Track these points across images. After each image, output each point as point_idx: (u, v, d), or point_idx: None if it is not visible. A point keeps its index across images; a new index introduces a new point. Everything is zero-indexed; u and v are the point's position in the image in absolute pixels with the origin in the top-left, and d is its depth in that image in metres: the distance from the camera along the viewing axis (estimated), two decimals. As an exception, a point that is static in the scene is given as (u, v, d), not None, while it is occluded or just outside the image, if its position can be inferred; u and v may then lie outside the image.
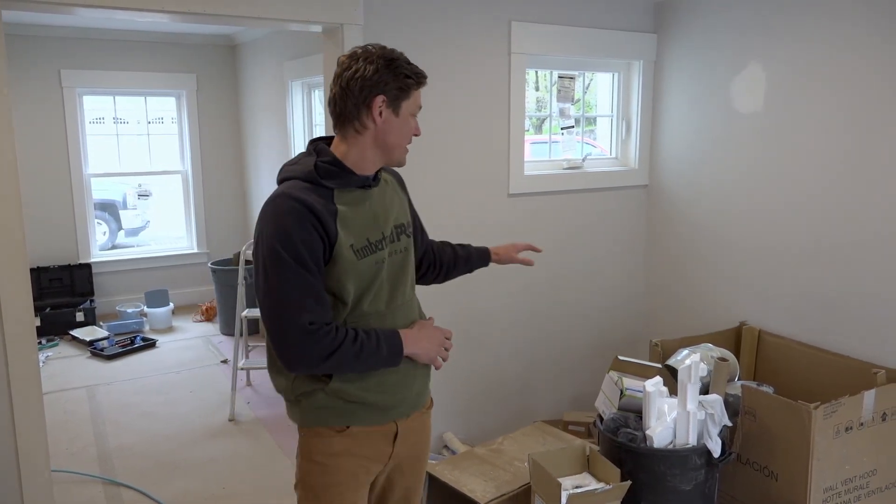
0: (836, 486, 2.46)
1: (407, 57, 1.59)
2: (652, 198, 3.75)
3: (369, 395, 1.61)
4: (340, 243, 1.52)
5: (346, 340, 1.51)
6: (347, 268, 1.54)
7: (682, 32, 3.45)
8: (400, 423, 1.69)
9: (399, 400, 1.67)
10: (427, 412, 1.82)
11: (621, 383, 2.63)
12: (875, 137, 2.69)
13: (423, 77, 1.60)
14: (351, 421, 1.62)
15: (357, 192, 1.60)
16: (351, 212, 1.56)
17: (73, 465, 3.40)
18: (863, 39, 2.69)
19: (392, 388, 1.64)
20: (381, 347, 1.56)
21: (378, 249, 1.60)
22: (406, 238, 1.71)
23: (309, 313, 1.48)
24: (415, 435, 1.76)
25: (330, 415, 1.61)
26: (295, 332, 1.47)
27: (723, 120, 3.29)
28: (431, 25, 2.99)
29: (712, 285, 3.44)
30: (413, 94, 1.59)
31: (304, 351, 1.48)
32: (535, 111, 3.80)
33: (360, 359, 1.53)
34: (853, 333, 2.83)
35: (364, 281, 1.58)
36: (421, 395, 1.75)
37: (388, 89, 1.54)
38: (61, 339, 5.32)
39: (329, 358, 1.49)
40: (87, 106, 5.83)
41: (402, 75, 1.55)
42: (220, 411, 4.00)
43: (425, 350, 1.66)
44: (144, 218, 7.48)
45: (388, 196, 1.70)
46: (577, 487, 2.36)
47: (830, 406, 2.38)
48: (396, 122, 1.58)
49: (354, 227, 1.56)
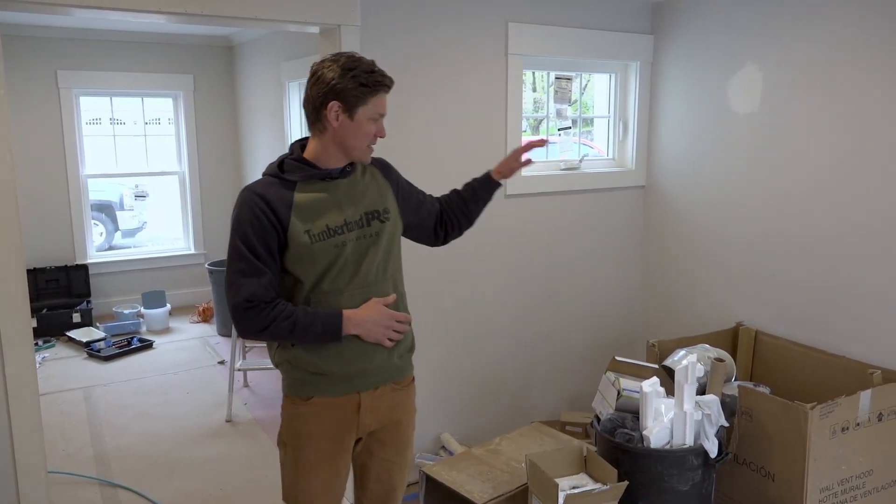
0: (832, 487, 2.47)
1: (374, 65, 1.72)
2: (649, 199, 3.75)
3: (326, 365, 1.78)
4: (294, 229, 1.72)
5: (279, 317, 1.71)
6: (302, 251, 1.73)
7: (678, 33, 3.46)
8: (364, 395, 1.83)
9: (358, 371, 1.81)
10: (402, 389, 1.93)
11: (618, 384, 2.63)
12: (871, 138, 2.70)
13: (381, 85, 1.73)
14: (313, 392, 1.81)
15: (319, 183, 1.78)
16: (309, 201, 1.75)
17: (70, 467, 3.39)
18: (859, 40, 2.70)
19: (351, 359, 1.79)
20: (314, 325, 1.73)
21: (337, 234, 1.76)
22: (379, 223, 1.84)
23: (249, 291, 1.69)
24: (385, 408, 1.88)
25: (297, 385, 1.83)
26: (236, 307, 1.71)
27: (719, 121, 3.30)
28: (429, 26, 2.99)
29: (709, 286, 3.45)
30: (370, 100, 1.72)
31: (243, 323, 1.72)
32: (532, 112, 3.81)
33: (295, 334, 1.73)
34: (849, 334, 2.84)
35: (322, 262, 1.75)
36: (385, 369, 1.86)
37: (343, 96, 1.70)
38: (58, 341, 5.31)
39: (264, 331, 1.72)
40: (84, 107, 5.82)
41: (357, 83, 1.69)
42: (218, 412, 4.00)
43: (368, 330, 1.78)
44: (141, 219, 7.47)
45: (361, 186, 1.85)
46: (575, 488, 2.36)
47: (827, 406, 2.38)
48: (352, 125, 1.73)
49: (312, 215, 1.74)
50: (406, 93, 2.96)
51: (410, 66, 2.96)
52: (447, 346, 3.29)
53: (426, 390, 3.26)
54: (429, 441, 3.31)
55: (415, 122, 3.01)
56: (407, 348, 1.93)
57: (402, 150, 2.99)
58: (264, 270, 1.71)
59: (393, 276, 1.90)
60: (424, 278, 3.14)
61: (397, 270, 1.93)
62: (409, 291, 3.09)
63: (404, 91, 2.96)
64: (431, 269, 3.14)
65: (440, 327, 3.25)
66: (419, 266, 3.10)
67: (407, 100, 2.96)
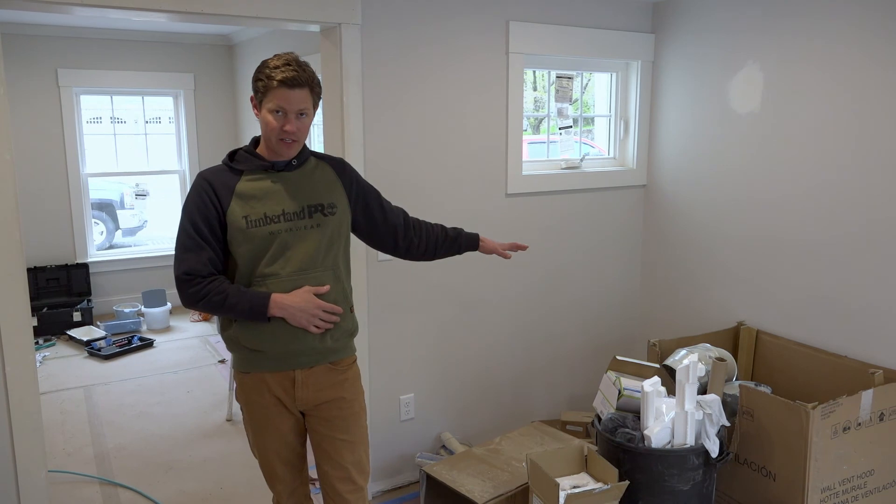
0: (833, 487, 2.46)
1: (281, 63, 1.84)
2: (650, 198, 3.75)
3: (262, 344, 1.93)
4: (233, 213, 1.89)
5: (212, 291, 1.87)
6: (238, 234, 1.90)
7: (679, 32, 3.46)
8: (298, 372, 1.97)
9: (290, 351, 1.95)
10: (342, 371, 2.05)
11: (619, 383, 2.63)
12: (873, 137, 2.70)
13: (275, 80, 1.83)
14: (252, 367, 1.98)
15: (265, 174, 1.94)
16: (252, 189, 1.92)
17: (70, 466, 3.39)
18: (861, 39, 2.69)
19: (283, 340, 1.93)
20: (242, 303, 1.87)
21: (274, 222, 1.91)
22: (321, 216, 1.97)
23: (188, 265, 1.87)
24: (324, 386, 2.01)
25: (238, 360, 2.01)
26: (177, 279, 1.89)
27: (720, 120, 3.29)
28: (429, 25, 2.98)
29: (710, 285, 3.44)
30: (269, 94, 1.85)
31: (181, 293, 1.90)
32: (532, 111, 3.80)
33: (225, 308, 1.88)
34: (851, 333, 2.83)
35: (258, 246, 1.90)
36: (318, 350, 1.98)
37: (254, 89, 1.90)
38: (58, 339, 5.31)
39: (199, 302, 1.88)
40: (85, 105, 5.82)
41: (255, 79, 1.88)
42: (218, 411, 4.00)
43: (292, 315, 1.90)
44: (142, 218, 7.46)
45: (309, 180, 1.99)
46: (575, 487, 2.36)
47: (828, 406, 2.38)
48: (261, 118, 1.90)
49: (252, 202, 1.91)
50: (406, 91, 2.96)
51: (411, 64, 2.95)
52: (447, 345, 3.29)
53: (426, 390, 3.26)
54: (429, 440, 3.31)
55: (415, 120, 3.01)
56: (346, 333, 2.04)
57: (402, 148, 2.99)
58: (204, 247, 1.88)
59: (334, 267, 2.00)
60: (424, 278, 3.14)
61: (341, 263, 2.04)
62: (408, 291, 3.11)
63: (405, 89, 2.96)
64: (431, 268, 3.14)
65: (440, 326, 3.25)
66: (417, 266, 3.10)
67: (407, 98, 2.96)
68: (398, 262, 3.01)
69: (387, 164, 2.96)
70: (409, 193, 3.00)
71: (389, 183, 2.87)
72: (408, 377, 3.20)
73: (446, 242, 2.27)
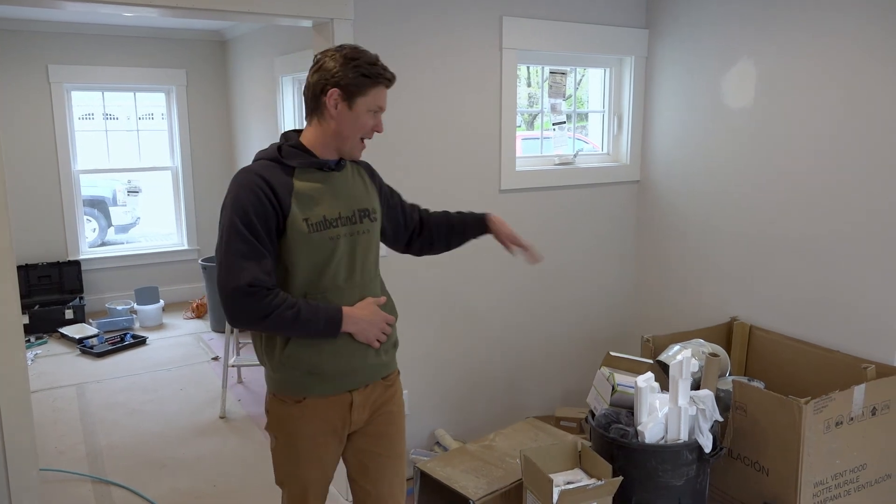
0: (826, 481, 2.47)
1: (377, 59, 1.72)
2: (643, 193, 3.75)
3: (323, 363, 1.74)
4: (293, 216, 1.68)
5: (283, 305, 1.64)
6: (299, 239, 1.69)
7: (672, 28, 3.45)
8: (356, 394, 1.81)
9: (352, 368, 1.79)
10: (391, 385, 1.92)
11: (613, 379, 2.63)
12: (866, 132, 2.70)
13: (384, 78, 1.71)
14: (306, 392, 1.77)
15: (317, 172, 1.76)
16: (308, 189, 1.72)
17: (62, 464, 3.38)
18: (855, 33, 2.70)
19: (347, 356, 1.77)
20: (317, 319, 1.69)
21: (333, 227, 1.73)
22: (370, 222, 1.83)
23: (251, 275, 1.62)
24: (375, 405, 1.87)
25: (288, 386, 1.78)
26: (237, 291, 1.62)
27: (714, 115, 3.29)
28: (422, 20, 2.97)
29: (703, 281, 3.45)
30: (370, 91, 1.70)
31: (243, 308, 1.63)
32: (526, 107, 3.80)
33: (297, 324, 1.67)
34: (843, 328, 2.84)
35: (318, 254, 1.72)
36: (375, 367, 1.85)
37: (343, 83, 1.68)
38: (50, 337, 5.29)
39: (266, 318, 1.64)
40: (76, 102, 5.78)
41: (359, 73, 1.68)
42: (211, 409, 3.98)
43: (362, 329, 1.76)
44: (134, 215, 7.43)
45: (352, 182, 1.84)
46: (569, 483, 2.36)
47: (821, 401, 2.38)
48: (349, 115, 1.71)
49: (310, 203, 1.71)
50: (399, 87, 2.94)
51: (404, 60, 2.94)
52: (441, 341, 3.28)
53: (421, 386, 3.26)
54: (423, 437, 3.31)
55: (408, 116, 3.00)
56: (392, 344, 1.92)
57: (395, 144, 2.98)
58: (265, 254, 1.65)
59: (379, 276, 1.92)
60: (417, 274, 3.13)
61: (379, 271, 1.94)
62: (402, 287, 3.10)
63: (397, 85, 2.93)
64: (423, 264, 3.13)
65: (434, 323, 3.24)
66: (411, 260, 3.09)
67: (400, 94, 2.95)
68: (392, 259, 3.00)
69: (379, 160, 2.94)
70: (403, 189, 2.98)
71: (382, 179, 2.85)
72: (402, 374, 3.18)
73: (455, 237, 2.13)
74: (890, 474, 2.64)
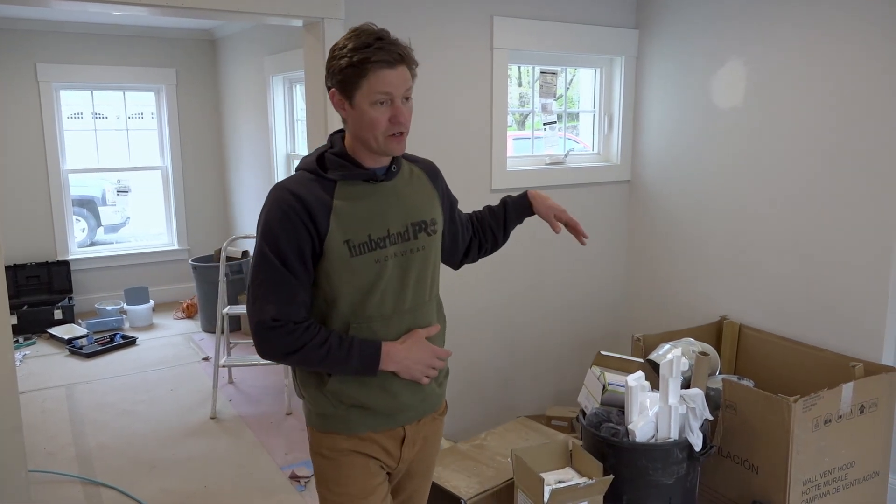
0: (815, 479, 2.49)
1: (372, 40, 1.43)
2: (634, 193, 3.76)
3: (371, 399, 1.56)
4: (332, 237, 1.47)
5: (311, 342, 1.47)
6: (338, 265, 1.49)
7: (662, 28, 3.47)
8: (408, 428, 1.64)
9: (403, 405, 1.61)
10: (439, 417, 1.75)
11: (604, 378, 2.64)
12: (854, 133, 2.72)
13: (374, 62, 1.41)
14: (357, 430, 1.58)
15: (362, 185, 1.53)
16: (350, 206, 1.50)
17: (52, 465, 3.35)
18: (844, 36, 2.71)
19: (396, 393, 1.58)
20: (351, 357, 1.50)
21: (379, 247, 1.52)
22: (427, 237, 1.60)
23: (274, 309, 1.46)
24: (424, 439, 1.70)
25: (336, 423, 1.59)
26: (259, 325, 1.47)
27: (704, 115, 3.31)
28: (413, 20, 2.97)
29: (693, 280, 3.46)
30: (363, 82, 1.43)
31: (267, 343, 1.49)
32: (517, 107, 3.80)
33: (327, 363, 1.50)
34: (832, 327, 2.86)
35: (362, 280, 1.51)
36: (429, 401, 1.67)
37: (334, 82, 1.48)
38: (39, 338, 5.25)
39: (292, 354, 1.49)
40: (65, 101, 5.74)
41: (342, 65, 1.44)
42: (202, 409, 3.97)
43: (406, 368, 1.56)
44: (124, 214, 7.38)
45: (410, 191, 1.61)
46: (560, 482, 2.36)
47: (809, 399, 2.40)
48: (355, 114, 1.48)
49: (353, 222, 1.50)
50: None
51: (395, 60, 2.94)
52: (433, 341, 3.28)
53: (412, 386, 3.25)
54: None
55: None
56: (445, 374, 1.74)
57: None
58: (295, 284, 1.48)
59: (437, 297, 1.69)
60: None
61: (439, 289, 1.70)
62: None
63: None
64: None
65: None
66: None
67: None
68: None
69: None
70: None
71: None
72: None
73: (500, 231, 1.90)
74: (878, 471, 2.67)
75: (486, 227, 1.89)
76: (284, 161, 4.95)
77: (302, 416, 3.88)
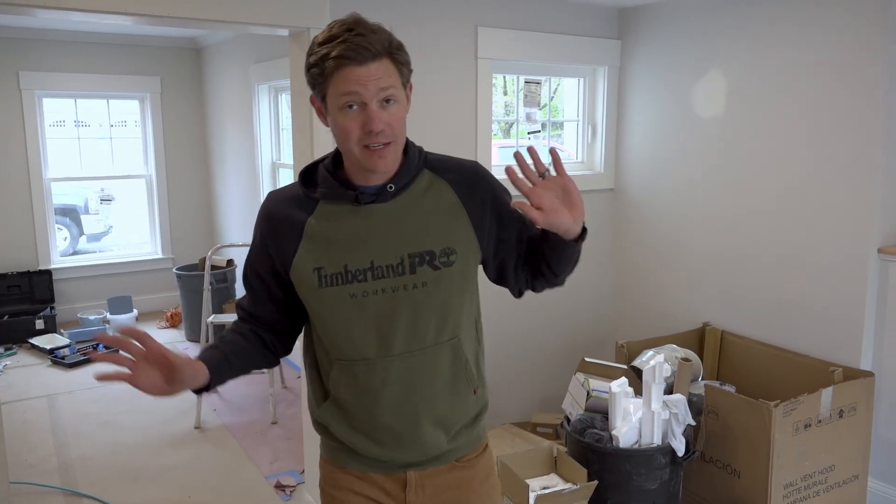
0: (795, 482, 2.52)
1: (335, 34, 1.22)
2: (618, 201, 3.80)
3: (357, 444, 1.37)
4: (299, 263, 1.30)
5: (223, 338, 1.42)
6: (308, 295, 1.32)
7: (645, 39, 3.51)
8: (412, 473, 1.39)
9: (392, 457, 1.37)
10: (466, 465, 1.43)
11: (588, 384, 2.66)
12: (830, 141, 2.77)
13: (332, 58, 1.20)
14: (348, 463, 1.41)
15: (347, 206, 1.31)
16: (327, 229, 1.30)
17: (33, 477, 3.32)
18: (823, 47, 2.77)
19: (385, 443, 1.35)
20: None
21: (357, 280, 1.28)
22: (431, 271, 1.31)
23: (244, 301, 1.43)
24: (443, 488, 1.41)
25: (331, 450, 1.44)
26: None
27: (685, 125, 3.35)
28: (398, 30, 2.97)
29: (676, 287, 3.50)
30: (328, 83, 1.22)
31: None
32: (502, 115, 3.84)
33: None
34: (811, 333, 2.90)
35: (334, 315, 1.31)
36: (438, 447, 1.38)
37: (311, 84, 1.28)
38: (20, 348, 5.19)
39: None
40: (48, 108, 5.71)
41: (308, 65, 1.25)
42: (186, 419, 3.94)
43: None
44: (107, 223, 7.33)
45: (416, 214, 1.33)
46: (545, 488, 2.38)
47: (790, 404, 2.43)
48: (330, 121, 1.28)
49: (327, 248, 1.29)
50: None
51: (380, 69, 2.96)
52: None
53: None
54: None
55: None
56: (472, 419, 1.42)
57: (372, 153, 2.99)
58: (254, 294, 1.40)
59: (453, 338, 1.35)
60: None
61: (465, 328, 1.38)
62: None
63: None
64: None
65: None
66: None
67: (377, 103, 2.96)
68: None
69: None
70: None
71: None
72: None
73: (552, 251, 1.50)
74: (857, 475, 2.70)
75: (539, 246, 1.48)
76: (269, 170, 4.95)
77: (287, 425, 3.87)
